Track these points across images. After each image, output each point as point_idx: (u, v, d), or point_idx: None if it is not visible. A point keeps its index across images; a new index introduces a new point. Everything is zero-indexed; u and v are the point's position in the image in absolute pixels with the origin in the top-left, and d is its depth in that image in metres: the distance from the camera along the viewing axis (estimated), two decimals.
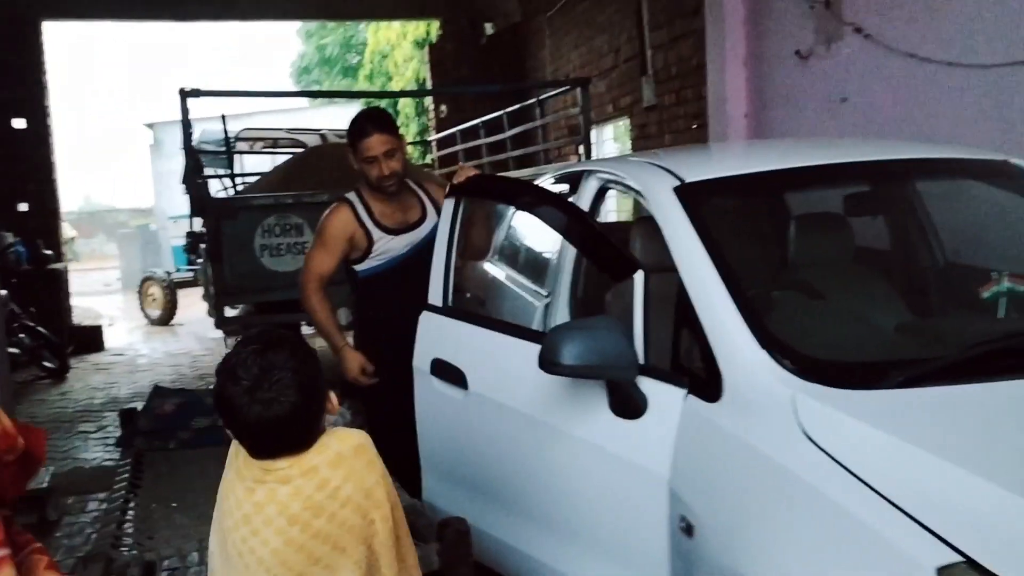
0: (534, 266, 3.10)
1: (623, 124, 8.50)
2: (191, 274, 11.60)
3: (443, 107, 10.68)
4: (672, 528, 1.97)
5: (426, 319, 2.88)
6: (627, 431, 2.10)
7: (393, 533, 1.62)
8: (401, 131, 3.51)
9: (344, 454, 1.59)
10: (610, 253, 2.26)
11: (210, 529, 1.69)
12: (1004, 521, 1.39)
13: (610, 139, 8.90)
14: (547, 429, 2.34)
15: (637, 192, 2.54)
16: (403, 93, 14.57)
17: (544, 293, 2.92)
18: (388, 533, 1.60)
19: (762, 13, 5.64)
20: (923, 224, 2.90)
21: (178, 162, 11.66)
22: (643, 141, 7.68)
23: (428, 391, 2.82)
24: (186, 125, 5.67)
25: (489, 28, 11.19)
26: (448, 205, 2.99)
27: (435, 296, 2.88)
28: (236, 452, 1.66)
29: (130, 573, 2.30)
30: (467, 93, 9.56)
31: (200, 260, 10.06)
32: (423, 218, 3.23)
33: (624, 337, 2.08)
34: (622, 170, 2.73)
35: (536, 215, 2.57)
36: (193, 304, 11.97)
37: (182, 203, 11.71)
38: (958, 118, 4.08)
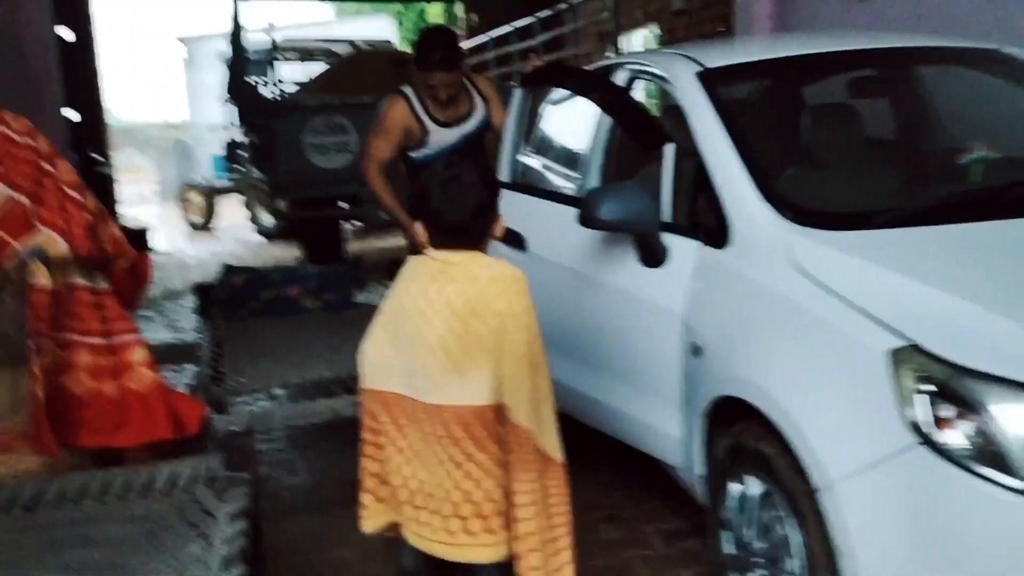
0: (569, 156, 3.48)
1: (652, 29, 8.68)
2: (230, 182, 12.05)
3: (474, 16, 10.84)
4: (684, 353, 2.40)
5: None
6: (651, 278, 2.53)
7: (530, 359, 1.83)
8: None
9: (503, 276, 1.89)
10: (646, 125, 2.65)
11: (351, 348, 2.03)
12: (945, 317, 1.80)
13: (639, 45, 9.08)
14: (588, 280, 2.78)
15: (662, 79, 2.90)
16: None
17: (578, 177, 3.31)
18: (524, 356, 1.81)
19: None
20: (925, 109, 3.22)
21: (213, 75, 12.00)
22: (672, 46, 7.88)
23: (495, 255, 3.30)
24: (237, 29, 5.99)
25: None
26: (518, 94, 3.45)
27: (503, 173, 3.38)
28: (412, 265, 1.94)
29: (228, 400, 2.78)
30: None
31: (240, 168, 10.52)
32: (471, 110, 3.62)
33: (651, 198, 2.49)
34: (650, 60, 3.08)
35: (590, 98, 2.98)
36: (232, 211, 12.48)
37: (218, 114, 12.11)
38: (963, 12, 4.32)
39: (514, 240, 3.17)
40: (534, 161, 3.43)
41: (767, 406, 2.00)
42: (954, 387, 1.67)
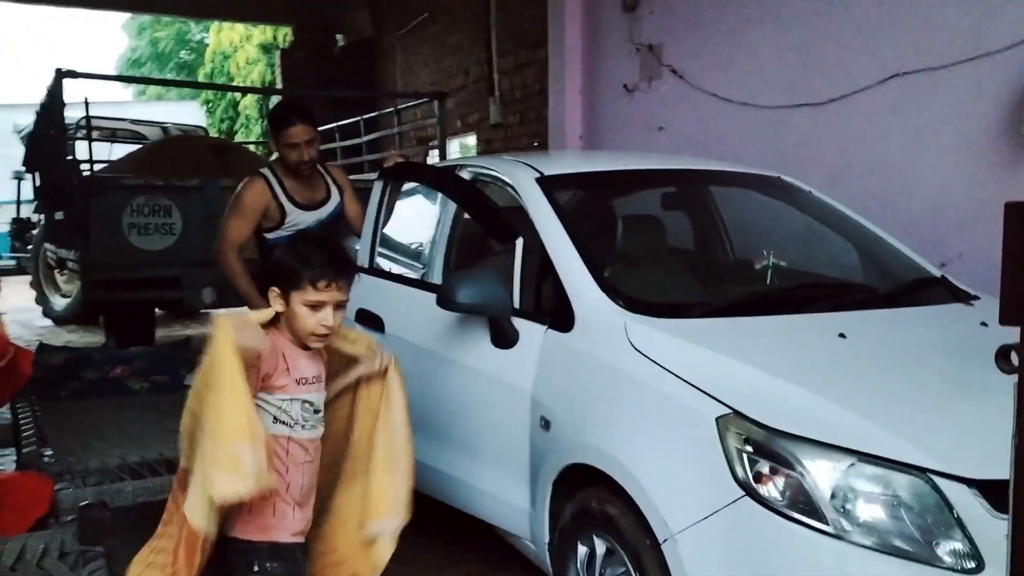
0: (418, 245, 3.71)
1: (470, 139, 9.24)
2: (13, 261, 11.16)
3: None
4: (533, 427, 2.63)
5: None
6: (503, 358, 2.76)
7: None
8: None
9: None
10: (499, 223, 2.92)
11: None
12: (759, 389, 2.15)
13: (457, 152, 9.60)
14: (443, 360, 2.98)
15: (504, 182, 3.22)
16: (273, 90, 14.04)
17: (426, 264, 3.54)
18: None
19: (597, 50, 6.53)
20: (718, 224, 3.77)
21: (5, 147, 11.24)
22: (487, 155, 8.44)
23: None
24: (60, 106, 5.78)
25: (340, 40, 11.63)
26: (378, 186, 3.66)
27: (363, 259, 3.56)
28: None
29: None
30: (330, 96, 9.96)
31: (29, 247, 9.80)
32: (328, 197, 3.76)
33: (503, 284, 2.74)
34: (492, 165, 3.40)
35: (448, 194, 3.24)
36: (16, 293, 11.48)
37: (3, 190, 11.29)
38: (747, 147, 5.09)
39: (372, 322, 3.31)
40: (390, 248, 3.62)
41: (614, 470, 2.26)
42: (769, 446, 2.00)
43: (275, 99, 12.44)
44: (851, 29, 4.53)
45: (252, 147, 11.83)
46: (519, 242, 2.84)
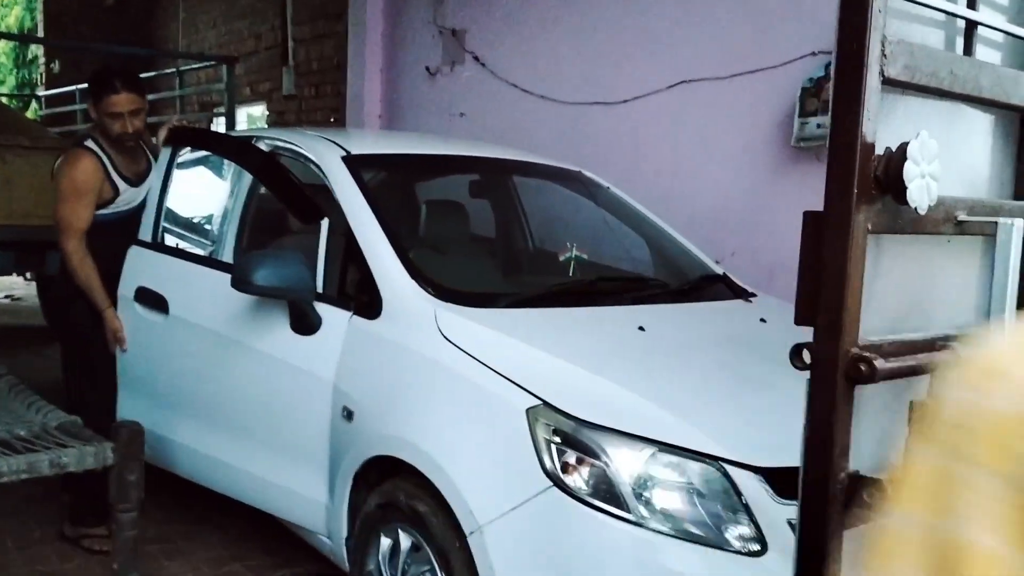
0: (207, 219, 3.43)
1: (259, 109, 8.75)
2: None
3: (56, 62, 9.89)
4: (334, 418, 2.51)
5: (134, 252, 3.21)
6: (303, 345, 2.61)
7: None
8: None
9: None
10: (303, 201, 2.76)
11: None
12: (568, 380, 2.18)
13: (245, 122, 9.08)
14: (236, 345, 2.77)
15: (307, 158, 3.05)
16: (33, 38, 12.25)
17: (215, 241, 3.28)
18: None
19: (399, 30, 6.41)
20: (520, 214, 3.82)
21: None
22: (281, 127, 8.04)
23: (131, 316, 3.13)
24: None
25: None
26: (164, 152, 3.31)
27: (145, 233, 3.22)
28: None
29: None
30: (101, 51, 8.98)
31: None
32: (149, 168, 3.36)
33: (306, 266, 2.59)
34: (294, 140, 3.21)
35: (245, 166, 2.98)
36: None
37: None
38: (545, 139, 5.20)
39: (154, 301, 3.02)
40: (175, 223, 3.31)
41: (420, 461, 2.20)
42: (577, 437, 2.04)
43: (34, 48, 11.16)
44: (645, 35, 4.75)
45: (4, 100, 10.52)
46: (324, 222, 2.70)
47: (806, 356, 1.24)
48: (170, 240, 3.25)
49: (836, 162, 1.18)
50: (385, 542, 2.34)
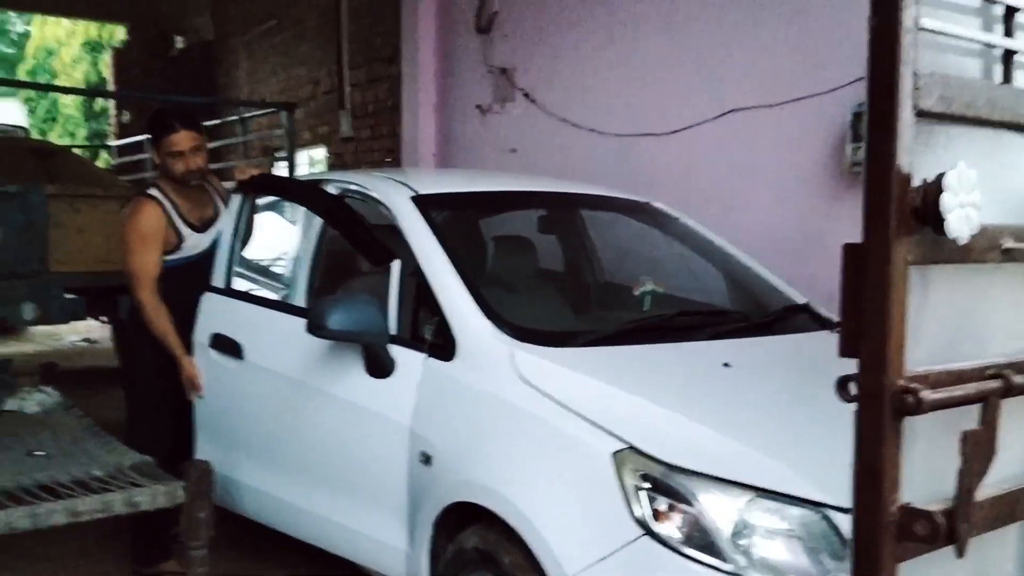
0: (280, 265, 3.46)
1: (319, 152, 8.91)
2: None
3: (126, 113, 10.23)
4: (411, 463, 2.46)
5: (208, 299, 3.23)
6: (378, 389, 2.58)
7: None
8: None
9: None
10: (374, 244, 2.75)
11: None
12: (654, 422, 2.10)
13: (306, 165, 9.24)
14: (310, 390, 2.75)
15: (375, 200, 3.05)
16: (105, 92, 12.60)
17: (288, 286, 3.29)
18: None
19: (451, 69, 6.48)
20: (587, 248, 3.75)
21: None
22: (339, 169, 8.16)
23: (206, 362, 3.15)
24: None
25: (180, 41, 10.96)
26: (235, 199, 3.33)
27: (218, 279, 3.24)
28: None
29: None
30: (169, 101, 9.29)
31: None
32: (216, 214, 3.38)
33: (379, 310, 2.57)
34: (362, 181, 3.21)
35: (316, 211, 3.00)
36: None
37: None
38: (596, 171, 5.15)
39: (229, 348, 3.04)
40: (247, 268, 3.34)
41: (503, 509, 2.13)
42: (668, 483, 1.95)
43: (102, 101, 11.58)
44: (692, 65, 4.70)
45: (77, 151, 10.91)
46: (395, 264, 2.67)
47: (852, 388, 1.18)
48: (243, 285, 3.27)
49: (873, 195, 1.18)
50: None
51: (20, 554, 3.32)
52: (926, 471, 1.22)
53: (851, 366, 1.23)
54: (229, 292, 3.24)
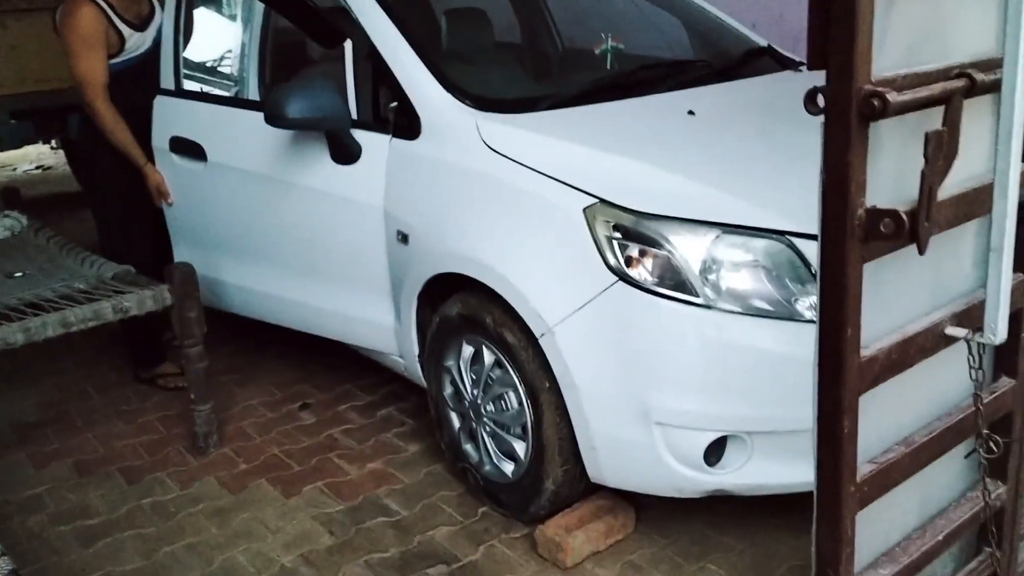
0: (228, 58, 3.30)
1: None
2: None
3: None
4: (389, 242, 2.52)
5: (161, 102, 3.13)
6: (347, 174, 2.58)
7: None
8: None
9: None
10: (323, 25, 2.63)
11: None
12: (621, 175, 2.13)
13: None
14: (280, 183, 2.75)
15: None
16: None
17: (239, 79, 3.18)
18: None
19: None
20: (544, 11, 3.61)
21: None
22: None
23: (169, 166, 3.10)
24: None
25: None
26: None
27: (167, 80, 3.12)
28: None
29: None
30: None
31: None
32: (152, 11, 3.19)
33: (338, 94, 2.51)
34: None
35: None
36: None
37: None
38: None
39: (190, 150, 2.99)
40: (194, 67, 3.20)
41: (483, 274, 2.21)
42: (638, 230, 2.01)
43: None
44: None
45: None
46: (348, 46, 2.58)
47: (820, 100, 1.20)
48: (193, 86, 3.16)
49: None
50: (465, 351, 2.38)
51: (23, 373, 3.45)
52: (892, 175, 1.25)
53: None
54: (181, 93, 3.12)
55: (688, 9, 3.23)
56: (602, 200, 2.06)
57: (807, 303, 1.96)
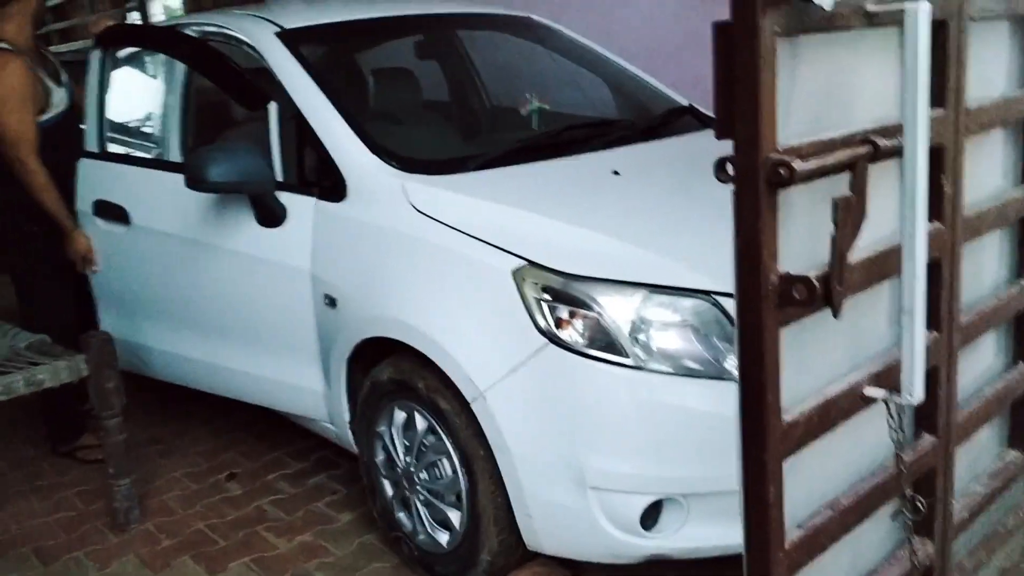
0: (150, 120, 3.25)
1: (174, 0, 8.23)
2: None
3: None
4: (317, 306, 2.47)
5: (85, 165, 3.07)
6: (272, 238, 2.53)
7: None
8: None
9: None
10: (246, 87, 2.61)
11: None
12: (549, 236, 2.14)
13: (162, 15, 8.54)
14: (204, 247, 2.69)
15: (239, 40, 2.86)
16: None
17: (160, 142, 3.12)
18: None
19: None
20: (471, 71, 3.65)
21: None
22: (201, 13, 7.57)
23: (93, 230, 3.04)
24: None
25: None
26: (95, 55, 3.09)
27: (91, 143, 3.08)
28: None
29: None
30: None
31: None
32: (56, 67, 3.12)
33: (260, 156, 2.48)
34: (222, 22, 3.00)
35: (181, 58, 2.84)
36: None
37: None
38: None
39: (114, 213, 2.91)
40: (117, 129, 3.14)
41: (412, 338, 2.18)
42: (567, 291, 2.01)
43: None
44: None
45: None
46: (272, 107, 2.56)
47: (730, 169, 1.23)
48: (117, 148, 3.09)
49: None
50: (396, 417, 2.33)
51: None
52: (802, 240, 1.28)
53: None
54: (105, 155, 3.06)
55: (611, 69, 3.30)
56: (531, 262, 2.06)
57: (735, 362, 1.97)
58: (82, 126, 3.22)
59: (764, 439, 1.25)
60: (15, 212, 3.01)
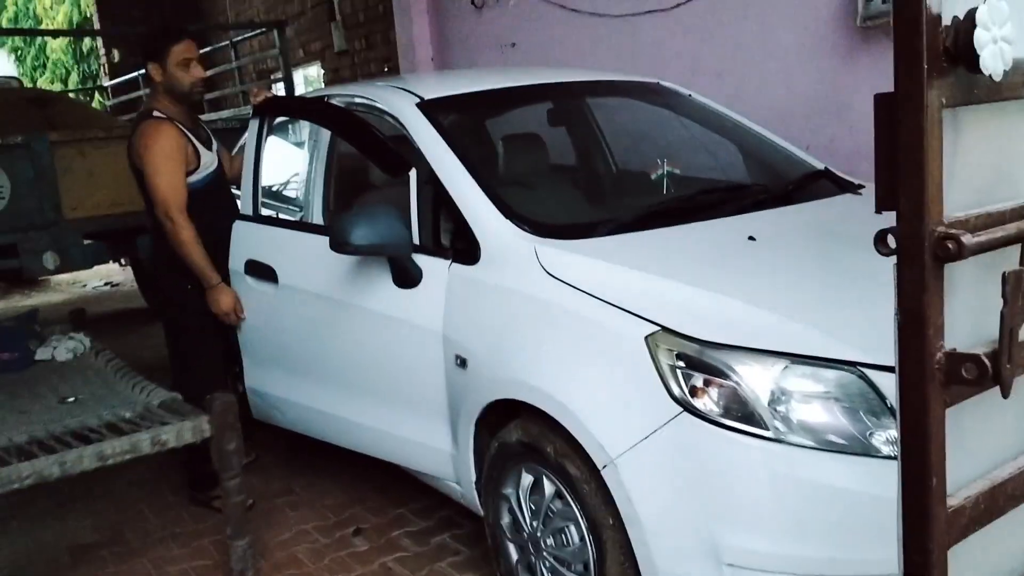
0: (296, 185, 3.45)
1: (314, 70, 8.73)
2: None
3: (115, 51, 10.05)
4: (448, 367, 2.51)
5: (239, 227, 3.28)
6: (408, 298, 2.60)
7: None
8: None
9: None
10: (390, 155, 2.73)
11: None
12: (683, 302, 2.11)
13: (302, 84, 9.08)
14: (344, 306, 2.81)
15: (380, 110, 3.00)
16: (91, 32, 11.85)
17: (300, 210, 3.30)
18: None
19: None
20: (598, 136, 3.69)
21: None
22: (339, 84, 8.01)
23: (244, 288, 3.22)
24: None
25: None
26: (253, 124, 3.33)
27: (246, 206, 3.28)
28: None
29: None
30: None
31: None
32: (208, 134, 3.35)
33: (400, 220, 2.57)
34: (366, 93, 3.16)
35: (330, 127, 3.04)
36: None
37: None
38: (601, 57, 5.03)
39: (264, 272, 3.08)
40: (268, 192, 3.35)
41: (543, 402, 2.18)
42: (702, 359, 1.97)
43: (89, 41, 11.32)
44: None
45: (73, 96, 10.78)
46: (412, 173, 2.66)
47: (891, 241, 1.18)
48: (267, 211, 3.29)
49: (902, 38, 1.11)
50: (524, 481, 2.33)
51: (79, 490, 3.47)
52: (969, 316, 1.22)
53: (873, 224, 1.23)
54: (257, 218, 3.26)
55: (742, 132, 3.27)
56: (665, 328, 2.03)
57: (883, 438, 1.87)
58: (234, 189, 3.44)
59: (928, 526, 1.17)
60: (168, 271, 3.22)
